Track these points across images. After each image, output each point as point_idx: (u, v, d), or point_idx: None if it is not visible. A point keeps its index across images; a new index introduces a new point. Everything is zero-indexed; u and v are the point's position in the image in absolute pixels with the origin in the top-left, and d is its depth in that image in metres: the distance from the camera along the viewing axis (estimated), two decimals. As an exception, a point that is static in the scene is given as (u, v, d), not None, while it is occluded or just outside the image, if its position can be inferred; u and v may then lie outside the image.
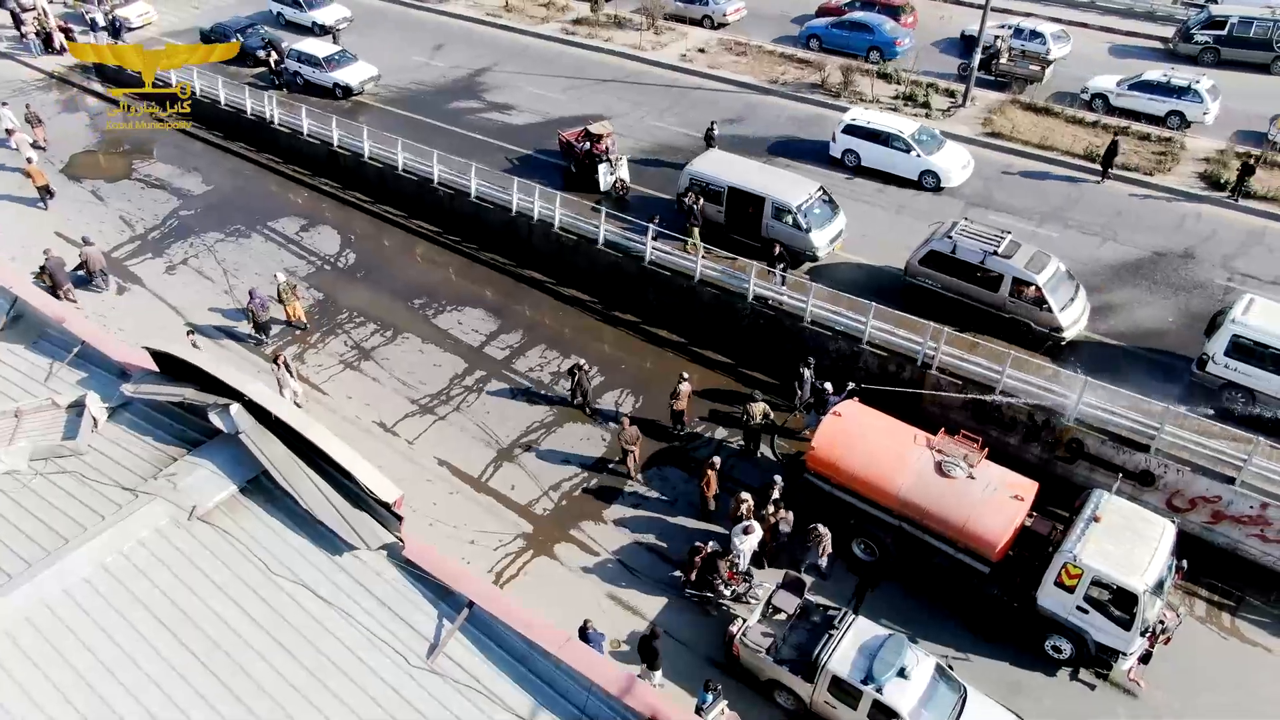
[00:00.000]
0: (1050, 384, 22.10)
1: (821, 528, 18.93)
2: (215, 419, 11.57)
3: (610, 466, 22.74)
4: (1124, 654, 17.37)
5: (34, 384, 14.09)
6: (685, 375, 23.37)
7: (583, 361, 24.00)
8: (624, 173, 31.28)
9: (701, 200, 27.46)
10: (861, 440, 19.65)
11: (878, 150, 31.39)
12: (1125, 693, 17.94)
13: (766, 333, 25.58)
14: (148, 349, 13.31)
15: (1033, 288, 23.61)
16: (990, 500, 18.31)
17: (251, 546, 10.93)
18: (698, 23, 44.60)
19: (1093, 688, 18.05)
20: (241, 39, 41.47)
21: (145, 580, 10.48)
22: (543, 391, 25.03)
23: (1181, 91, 34.50)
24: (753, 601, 18.92)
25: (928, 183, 30.90)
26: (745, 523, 18.90)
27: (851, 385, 22.42)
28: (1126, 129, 33.81)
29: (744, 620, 18.06)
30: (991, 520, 18.09)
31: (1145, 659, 17.76)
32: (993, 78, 37.60)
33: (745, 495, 19.80)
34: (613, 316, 27.69)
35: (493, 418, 24.22)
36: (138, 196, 34.00)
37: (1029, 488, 18.69)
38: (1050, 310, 23.53)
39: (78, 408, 13.15)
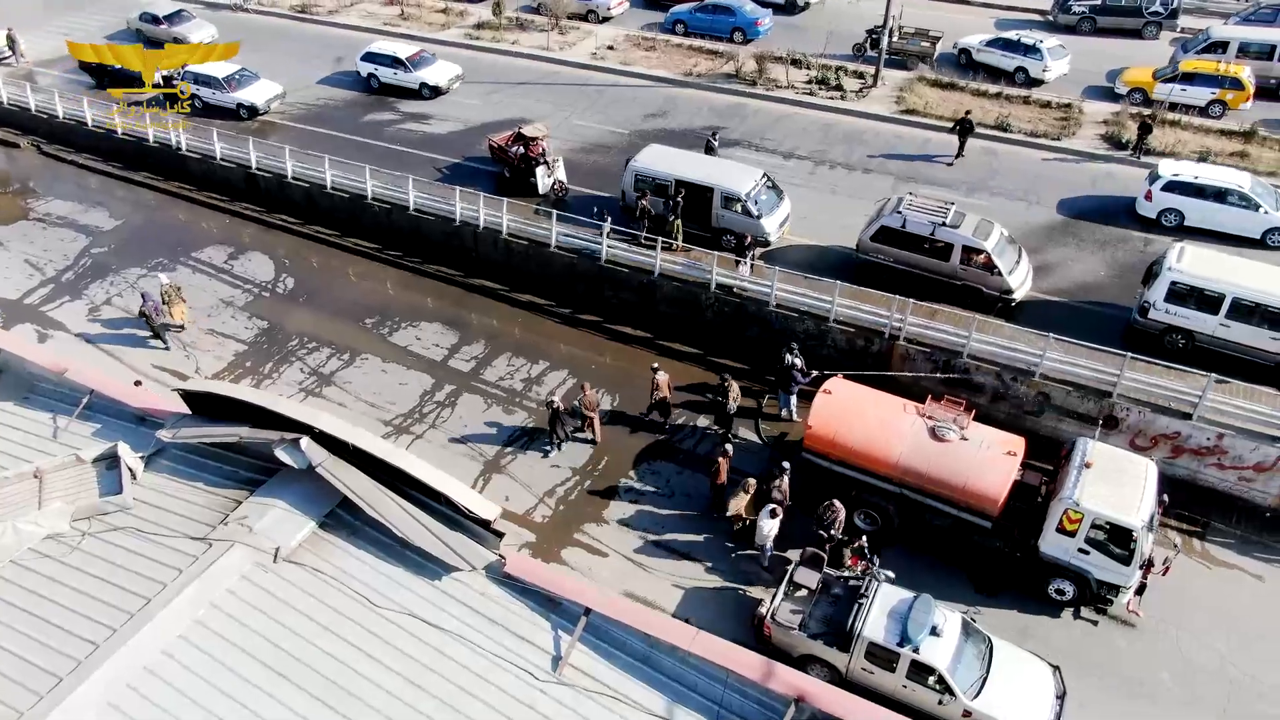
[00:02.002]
0: (1013, 343, 23.26)
1: (837, 503, 19.41)
2: (283, 455, 11.13)
3: (602, 466, 22.74)
4: (1123, 588, 18.49)
5: (42, 441, 13.32)
6: (656, 365, 23.53)
7: (557, 400, 22.62)
8: (561, 174, 31.19)
9: (682, 195, 27.42)
10: (856, 415, 20.26)
11: (1209, 208, 27.68)
12: (1124, 624, 19.08)
13: (732, 320, 26.00)
14: (179, 391, 12.69)
15: (982, 254, 24.77)
16: (986, 458, 19.18)
17: (348, 582, 10.60)
18: (583, 18, 44.67)
19: (1095, 623, 19.13)
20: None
21: (245, 629, 10.05)
22: (517, 399, 24.79)
23: (1028, 49, 37.73)
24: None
25: (1274, 241, 27.44)
26: (770, 505, 19.23)
27: (815, 373, 23.01)
28: (993, 92, 36.46)
29: (770, 601, 18.37)
30: (990, 477, 18.96)
31: (1140, 590, 18.94)
32: (886, 56, 39.11)
33: (751, 481, 20.14)
34: (573, 318, 27.61)
35: (472, 431, 23.86)
36: (40, 237, 31.92)
37: (1018, 443, 19.66)
38: (1000, 274, 24.73)
39: (107, 460, 12.46)
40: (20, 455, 12.93)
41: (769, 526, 19.08)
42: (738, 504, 20.11)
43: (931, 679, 16.67)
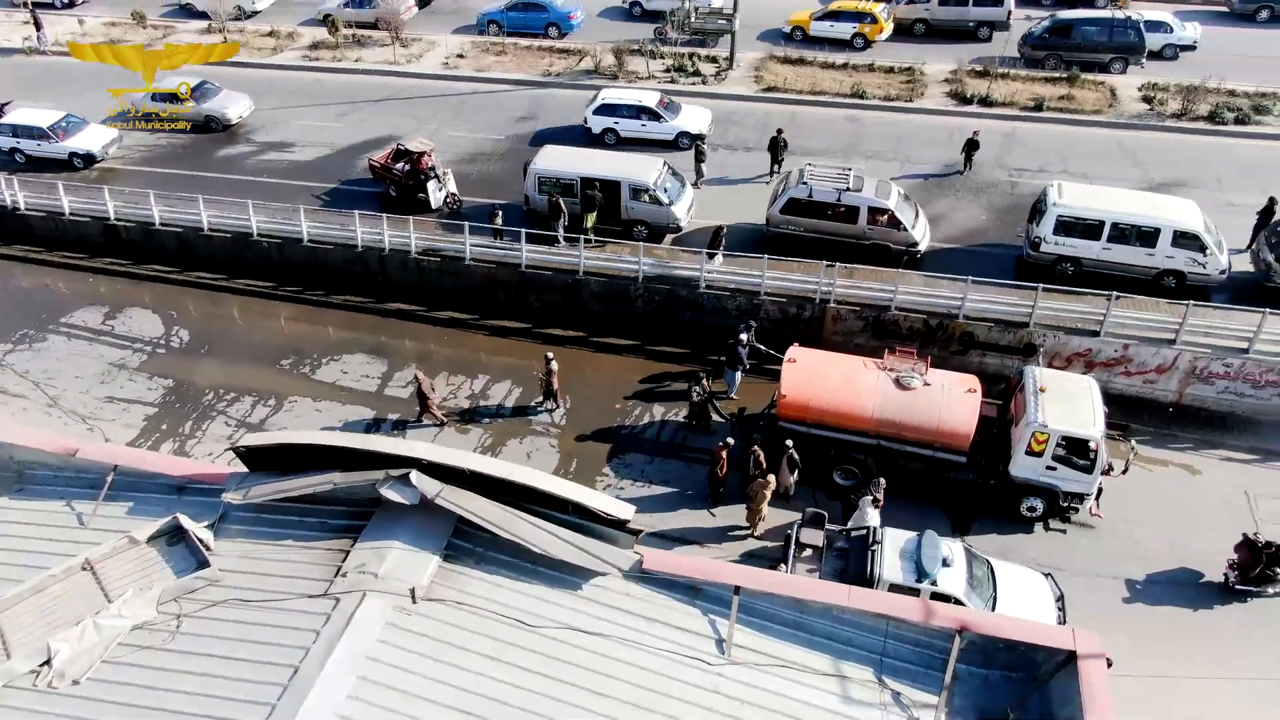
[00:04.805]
0: (935, 291, 24.94)
1: (882, 481, 20.01)
2: (392, 493, 10.65)
3: (574, 468, 22.70)
4: (1087, 495, 20.34)
5: (68, 531, 12.16)
6: (550, 355, 23.72)
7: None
8: (452, 186, 30.60)
9: (598, 191, 27.50)
10: (824, 378, 21.17)
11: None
12: (1088, 528, 20.95)
13: (664, 308, 26.44)
14: (237, 449, 11.83)
15: (886, 214, 26.36)
16: (951, 399, 20.54)
17: (495, 608, 10.32)
18: (372, 26, 43.27)
19: (1064, 532, 20.93)
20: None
21: (414, 676, 9.62)
22: (469, 416, 24.29)
23: None
24: None
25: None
26: (869, 496, 19.62)
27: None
28: (839, 63, 38.66)
29: (783, 565, 18.96)
30: (960, 415, 20.33)
31: (1098, 495, 20.86)
32: (687, 36, 40.88)
33: (772, 478, 20.30)
34: (501, 328, 27.25)
35: (431, 456, 23.15)
36: None
37: (974, 381, 21.16)
38: (905, 229, 26.41)
39: (167, 536, 11.48)
40: (50, 550, 11.66)
41: (874, 518, 19.37)
42: (761, 500, 20.31)
43: (950, 607, 17.77)
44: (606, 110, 33.50)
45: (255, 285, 29.16)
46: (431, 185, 29.99)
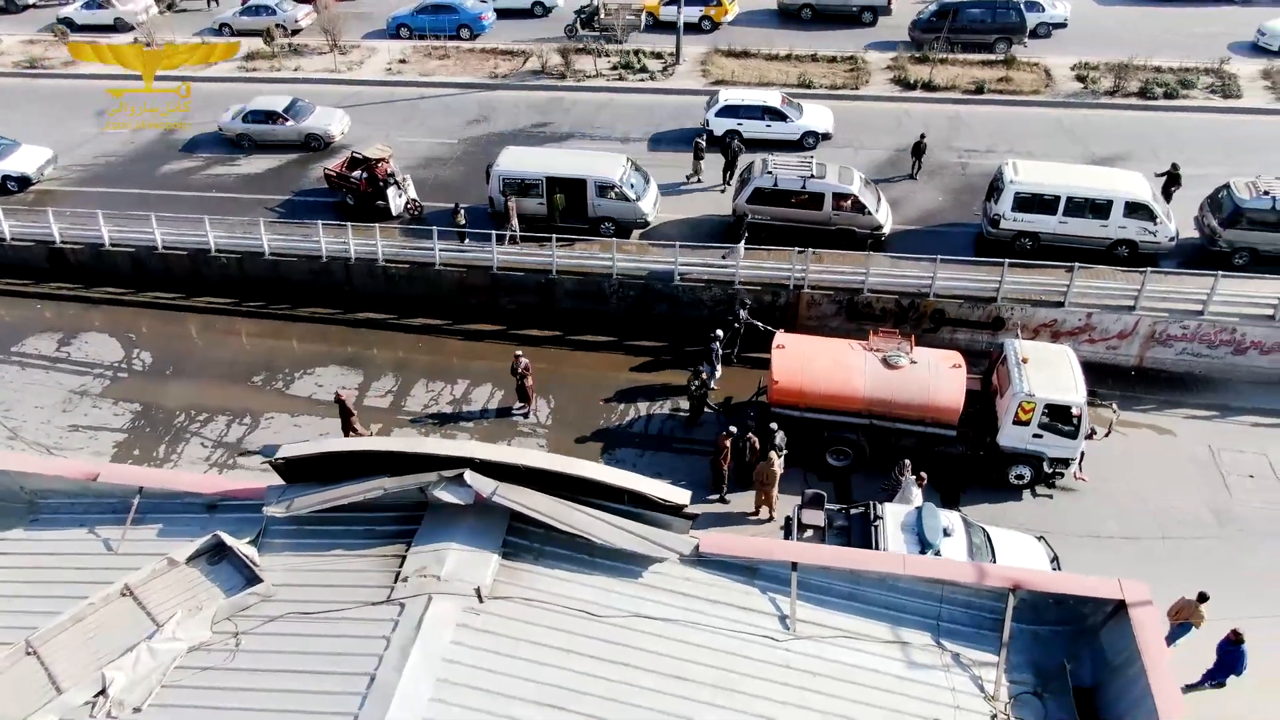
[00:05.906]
0: (902, 271, 25.53)
1: (907, 461, 20.13)
2: (445, 495, 10.54)
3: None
4: (1072, 460, 21.06)
5: (97, 558, 11.77)
6: (519, 353, 23.68)
7: None
8: (412, 191, 30.21)
9: (558, 189, 27.68)
10: (813, 363, 21.52)
11: None
12: (1072, 491, 21.69)
13: (638, 303, 26.56)
14: (274, 462, 11.57)
15: (850, 199, 26.88)
16: (939, 376, 21.07)
17: (564, 603, 10.32)
18: (269, 33, 42.94)
19: (1050, 497, 21.65)
20: None
21: (495, 675, 9.56)
22: (453, 422, 24.08)
23: None
24: None
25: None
26: (912, 476, 19.71)
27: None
28: (783, 55, 39.26)
29: (789, 547, 19.21)
30: (948, 391, 20.87)
31: (1080, 459, 21.59)
32: (596, 32, 41.18)
33: (773, 455, 20.55)
34: (475, 332, 27.05)
35: (419, 464, 22.88)
36: None
37: (958, 356, 21.72)
38: (869, 213, 26.97)
39: (208, 554, 11.20)
40: (82, 579, 11.23)
41: (917, 496, 19.53)
42: (772, 482, 20.41)
43: (954, 576, 18.24)
44: (729, 112, 32.59)
45: (216, 303, 28.42)
46: (391, 192, 29.57)
